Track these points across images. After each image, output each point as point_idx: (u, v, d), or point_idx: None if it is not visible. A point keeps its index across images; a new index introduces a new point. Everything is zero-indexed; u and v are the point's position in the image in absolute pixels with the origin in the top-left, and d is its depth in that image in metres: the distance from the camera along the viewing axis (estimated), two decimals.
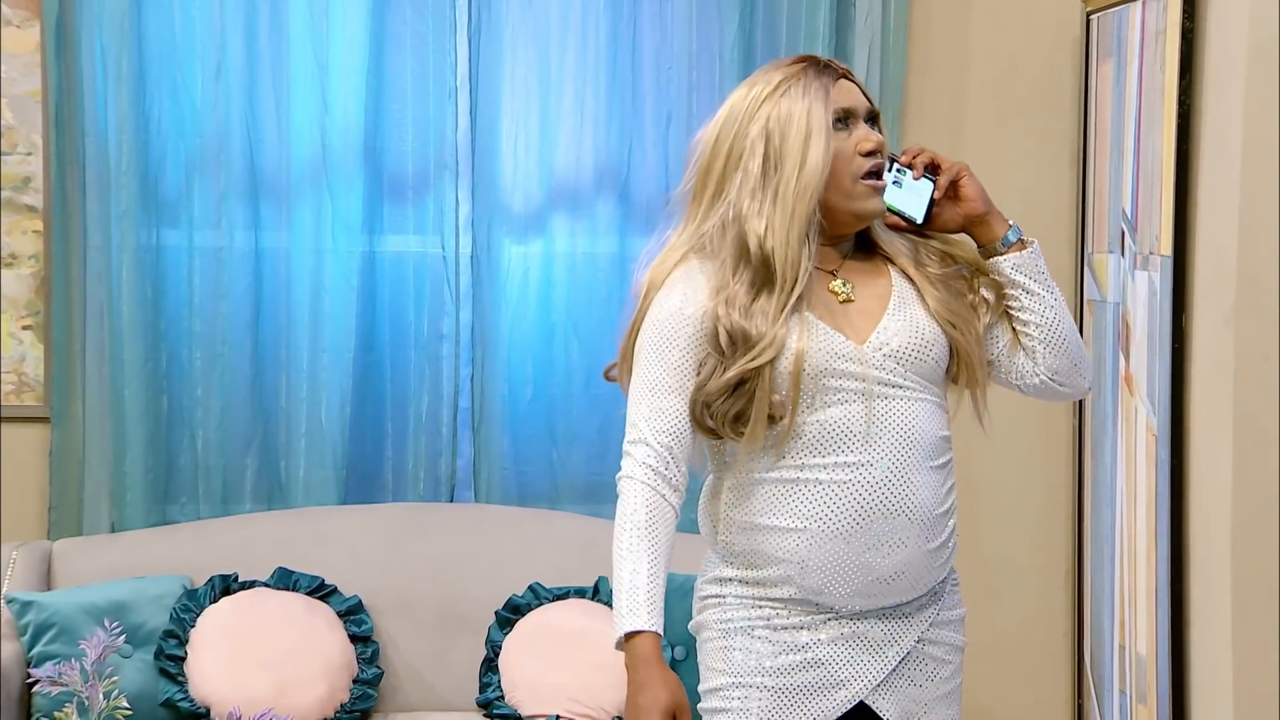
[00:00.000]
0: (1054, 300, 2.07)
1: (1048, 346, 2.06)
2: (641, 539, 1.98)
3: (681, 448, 2.01)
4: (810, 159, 1.98)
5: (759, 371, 1.96)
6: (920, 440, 2.00)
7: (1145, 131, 2.84)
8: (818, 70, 2.03)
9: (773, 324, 1.96)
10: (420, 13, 3.35)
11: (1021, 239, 2.07)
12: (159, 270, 3.35)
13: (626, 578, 1.96)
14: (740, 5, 3.33)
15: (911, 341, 2.02)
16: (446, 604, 3.25)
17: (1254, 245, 2.51)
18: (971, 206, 2.06)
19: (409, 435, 3.43)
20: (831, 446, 1.99)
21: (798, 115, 1.99)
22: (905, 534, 2.00)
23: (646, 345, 2.02)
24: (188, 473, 3.38)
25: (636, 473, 2.01)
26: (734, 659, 2.03)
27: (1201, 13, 2.63)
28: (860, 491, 1.98)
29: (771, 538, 2.02)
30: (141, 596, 3.10)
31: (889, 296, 2.05)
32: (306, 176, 3.36)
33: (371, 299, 3.42)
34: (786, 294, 1.97)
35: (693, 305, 2.01)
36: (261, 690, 3.02)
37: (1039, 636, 3.44)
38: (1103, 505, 3.15)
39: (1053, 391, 2.10)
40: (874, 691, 2.03)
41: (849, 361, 1.99)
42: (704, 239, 2.02)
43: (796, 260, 1.98)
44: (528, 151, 3.40)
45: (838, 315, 2.02)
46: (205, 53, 3.31)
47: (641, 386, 2.02)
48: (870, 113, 2.06)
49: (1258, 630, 2.53)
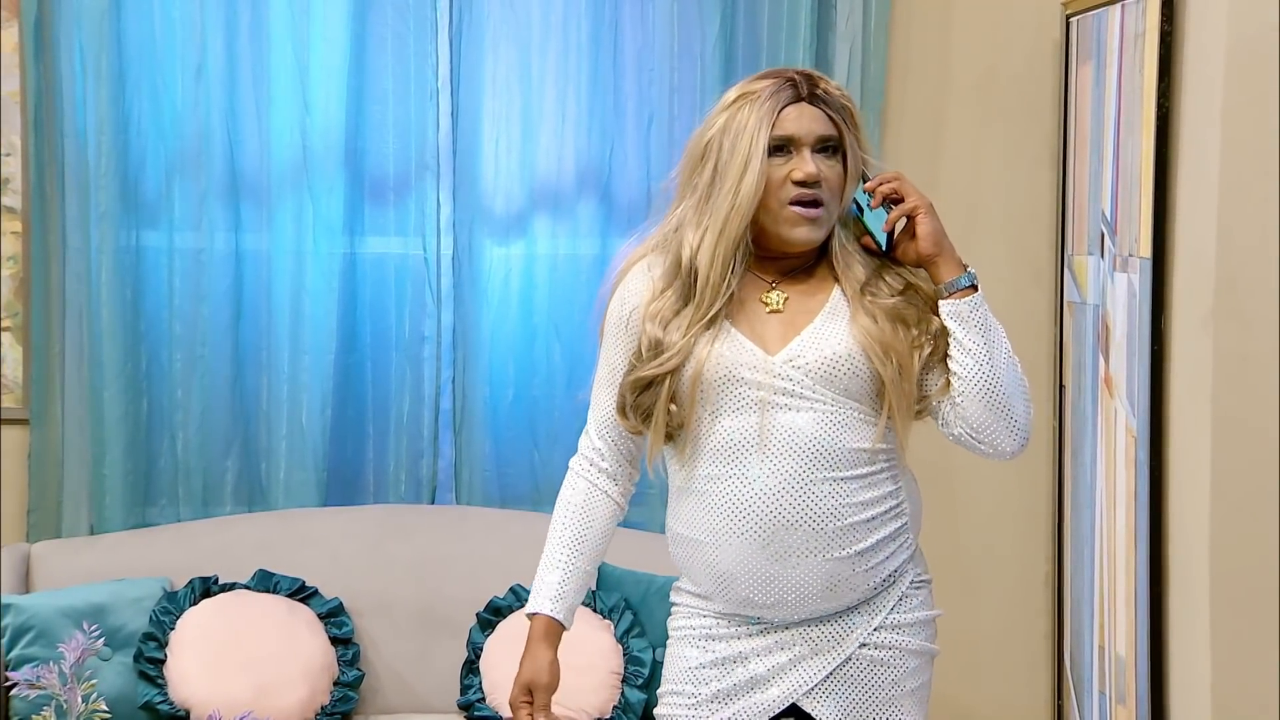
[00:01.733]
0: (984, 354, 2.02)
1: (968, 398, 2.03)
2: (566, 527, 2.15)
3: (618, 438, 2.14)
4: (745, 183, 2.01)
5: (663, 378, 2.03)
6: (823, 451, 2.02)
7: (1124, 134, 2.85)
8: (776, 90, 2.04)
9: (684, 335, 2.03)
10: (401, 14, 3.34)
11: (973, 286, 2.05)
12: (139, 272, 3.34)
13: (543, 562, 2.15)
14: (721, 7, 3.33)
15: (825, 357, 2.03)
16: (427, 606, 3.25)
17: (1231, 247, 2.52)
18: (922, 246, 2.06)
19: (390, 437, 3.43)
20: (730, 456, 2.04)
21: (742, 138, 2.02)
22: (810, 544, 2.02)
23: (602, 337, 2.15)
24: (167, 475, 3.37)
25: (575, 463, 2.18)
26: (672, 665, 2.14)
27: (1180, 16, 2.64)
28: (758, 503, 2.02)
29: (691, 549, 2.09)
30: (121, 599, 3.09)
31: (819, 312, 2.07)
32: (287, 178, 3.35)
33: (352, 301, 3.41)
34: (703, 311, 2.03)
35: (627, 308, 2.10)
36: (242, 693, 3.01)
37: (1019, 637, 3.45)
38: (1082, 506, 3.16)
39: (970, 445, 2.07)
40: (808, 695, 2.07)
41: (753, 371, 2.02)
42: (665, 236, 2.11)
43: (718, 282, 2.03)
44: (509, 153, 3.40)
45: (758, 325, 2.06)
46: (185, 53, 3.30)
47: (597, 378, 2.16)
48: (823, 140, 2.05)
49: (1236, 631, 2.55)
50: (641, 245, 2.14)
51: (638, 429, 2.09)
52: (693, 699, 2.09)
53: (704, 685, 2.08)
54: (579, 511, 2.15)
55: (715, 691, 2.08)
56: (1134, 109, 2.79)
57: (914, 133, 3.42)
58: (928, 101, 3.42)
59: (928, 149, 3.42)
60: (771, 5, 3.34)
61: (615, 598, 3.18)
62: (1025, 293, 3.36)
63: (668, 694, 2.13)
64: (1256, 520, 2.55)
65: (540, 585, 2.14)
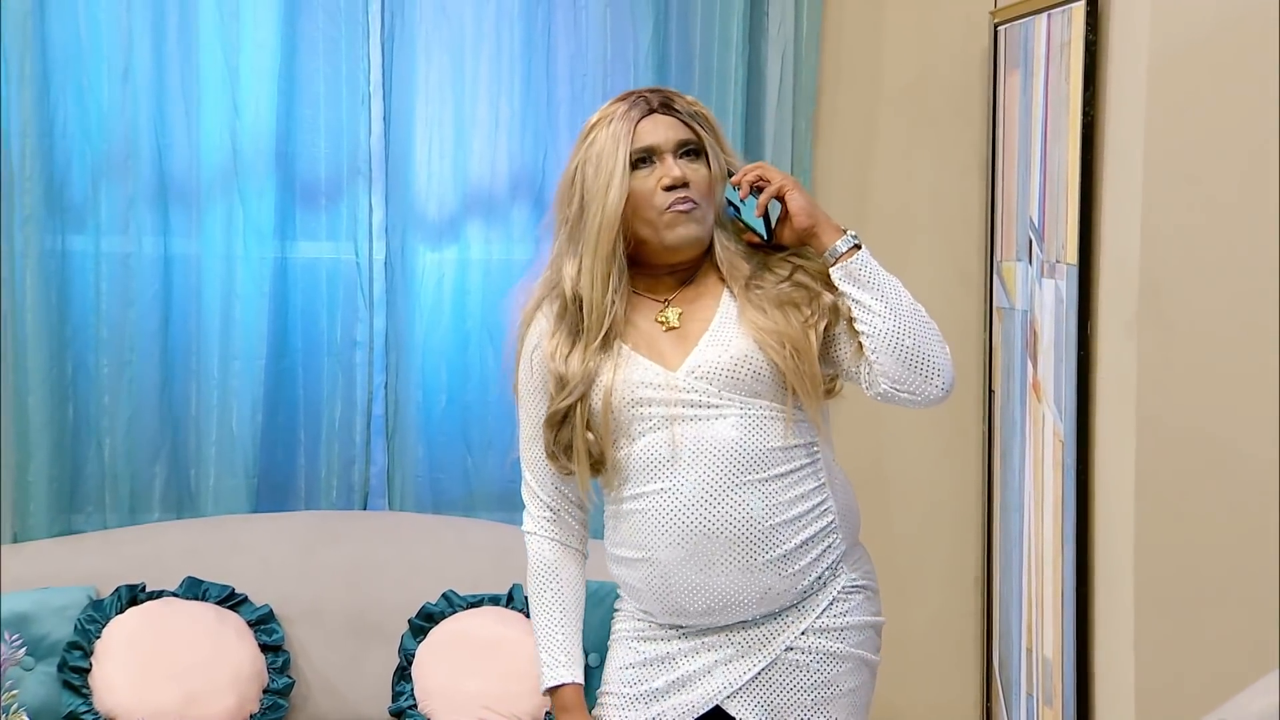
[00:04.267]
0: (885, 308, 2.04)
1: (882, 354, 2.05)
2: (546, 591, 2.16)
3: (561, 487, 2.17)
4: (609, 201, 2.05)
5: (572, 408, 2.07)
6: (739, 456, 2.04)
7: (1051, 141, 2.89)
8: (627, 109, 2.09)
9: (582, 362, 2.06)
10: (332, 17, 3.32)
11: (856, 246, 2.08)
12: (64, 276, 3.29)
13: (542, 632, 2.15)
14: (654, 13, 3.34)
15: (723, 361, 2.06)
16: (359, 612, 3.23)
17: (1154, 254, 2.56)
18: (797, 220, 2.09)
19: (322, 443, 3.40)
20: (646, 475, 2.07)
21: (602, 159, 2.06)
22: (732, 551, 2.04)
23: (519, 396, 2.18)
24: (94, 481, 3.33)
25: (530, 527, 2.19)
26: (607, 666, 2.17)
27: (1104, 26, 2.67)
28: (673, 515, 2.05)
29: (626, 569, 2.12)
30: (45, 608, 3.04)
31: (712, 319, 2.10)
32: (217, 181, 3.32)
33: (283, 306, 3.38)
34: (594, 333, 2.06)
35: (535, 365, 2.14)
36: (169, 701, 2.98)
37: (949, 640, 3.47)
38: (1011, 510, 3.19)
39: (897, 399, 2.08)
40: (731, 697, 2.08)
41: (656, 389, 2.05)
42: (549, 282, 2.15)
43: (602, 299, 2.06)
44: (442, 158, 3.39)
45: (656, 344, 2.09)
46: (111, 55, 3.25)
47: (522, 436, 2.18)
48: (683, 145, 2.09)
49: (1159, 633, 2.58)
50: (532, 299, 2.17)
51: (568, 468, 2.12)
52: (622, 698, 2.11)
53: (632, 685, 2.10)
54: (552, 576, 2.17)
55: (642, 692, 2.10)
56: (1060, 117, 2.82)
57: (845, 139, 3.44)
58: (859, 108, 3.45)
59: (859, 155, 3.45)
60: (704, 12, 3.35)
61: None
62: (955, 298, 3.39)
63: (602, 694, 2.16)
64: (1179, 523, 2.58)
65: (550, 658, 2.14)
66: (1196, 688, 2.50)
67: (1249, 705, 1.78)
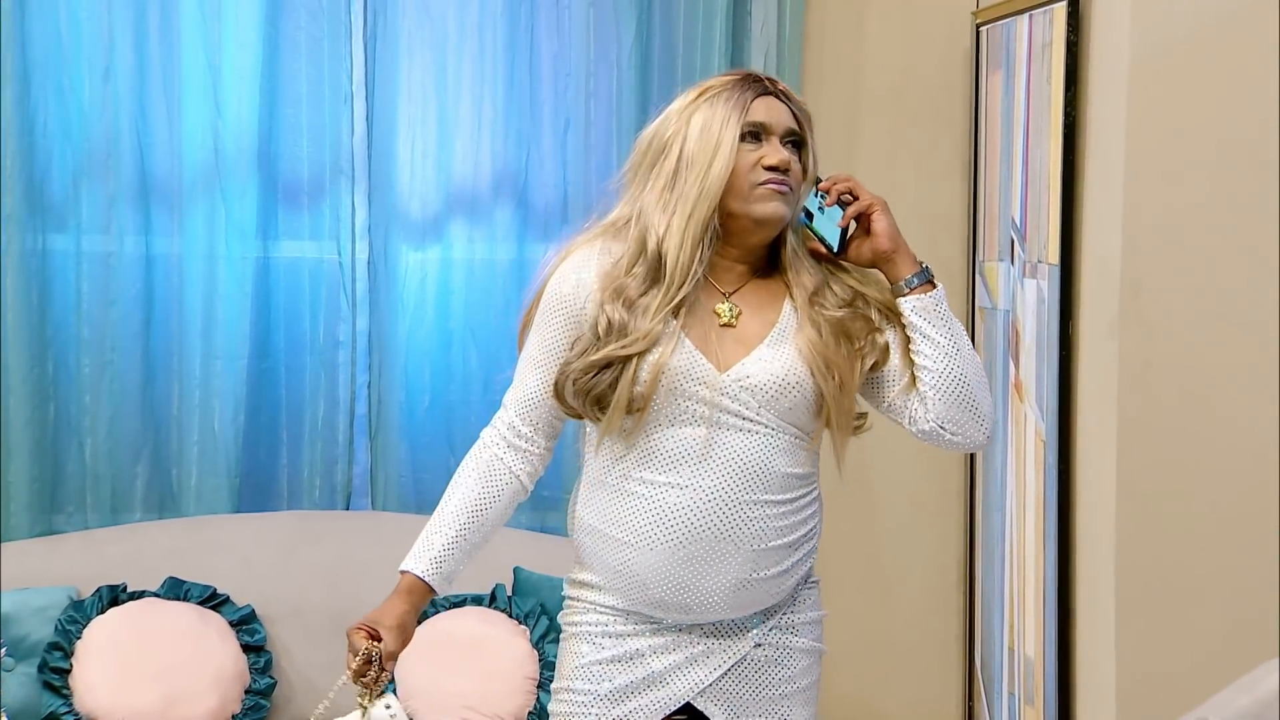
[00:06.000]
0: (951, 347, 2.06)
1: (938, 392, 2.06)
2: (465, 494, 2.11)
3: (540, 419, 2.12)
4: (714, 167, 2.03)
5: (627, 360, 2.02)
6: (759, 474, 2.03)
7: (1033, 142, 2.90)
8: (744, 85, 2.08)
9: (651, 319, 2.02)
10: (315, 17, 3.32)
11: (930, 282, 2.09)
12: (45, 275, 3.28)
13: (432, 523, 2.11)
14: (637, 14, 3.34)
15: (773, 380, 2.04)
16: (341, 613, 3.21)
17: (1135, 254, 2.57)
18: (878, 243, 2.09)
19: (304, 443, 3.39)
20: (668, 464, 2.04)
21: (712, 125, 2.05)
22: (730, 560, 2.04)
23: (537, 316, 2.12)
24: (75, 481, 3.31)
25: (487, 434, 2.15)
26: (566, 662, 2.13)
27: (1086, 26, 2.68)
28: (683, 514, 2.03)
29: (603, 544, 2.09)
30: (25, 608, 3.03)
31: (771, 329, 2.08)
32: (199, 181, 3.31)
33: (266, 305, 3.37)
34: (671, 294, 2.03)
35: (571, 286, 2.08)
36: (150, 702, 2.97)
37: (931, 639, 3.48)
38: (993, 510, 3.20)
39: (942, 439, 2.08)
40: (701, 694, 2.08)
41: (702, 386, 2.03)
42: (616, 225, 2.11)
43: (688, 263, 2.03)
44: (425, 157, 3.38)
45: (710, 338, 2.06)
46: (93, 54, 3.25)
47: (524, 355, 2.13)
48: (791, 133, 2.09)
49: (1139, 632, 2.59)
50: (585, 234, 2.13)
51: (574, 412, 2.07)
52: (589, 695, 2.09)
53: (600, 682, 2.09)
54: (481, 481, 2.11)
55: (611, 689, 2.08)
56: (1042, 117, 2.83)
57: (828, 139, 3.40)
58: (842, 109, 3.45)
59: (841, 155, 3.45)
60: (687, 12, 3.36)
61: (531, 603, 3.17)
62: None
63: (563, 690, 2.12)
64: (1160, 522, 2.59)
65: (424, 547, 2.10)
66: (1177, 686, 2.51)
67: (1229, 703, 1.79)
